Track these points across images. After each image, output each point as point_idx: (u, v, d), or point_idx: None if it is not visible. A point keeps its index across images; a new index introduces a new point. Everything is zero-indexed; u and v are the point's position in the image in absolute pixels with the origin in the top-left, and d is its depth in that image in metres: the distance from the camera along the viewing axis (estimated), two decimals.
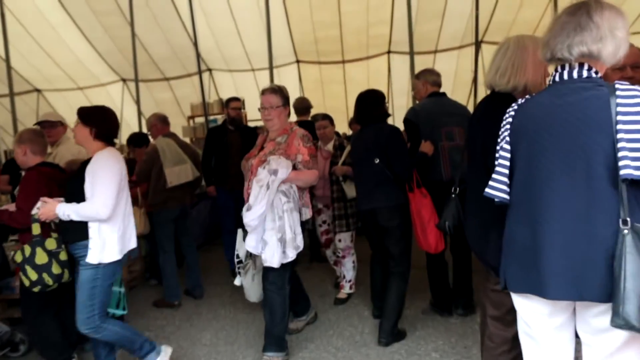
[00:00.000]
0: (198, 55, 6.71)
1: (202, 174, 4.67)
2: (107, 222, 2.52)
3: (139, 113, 8.89)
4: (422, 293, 3.87)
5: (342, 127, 11.16)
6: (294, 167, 2.86)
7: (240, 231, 3.04)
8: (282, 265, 2.78)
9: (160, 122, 4.14)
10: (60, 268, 2.59)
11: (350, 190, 3.75)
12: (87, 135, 2.60)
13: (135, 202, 4.51)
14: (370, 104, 3.24)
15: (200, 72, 6.66)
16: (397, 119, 10.50)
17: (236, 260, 3.06)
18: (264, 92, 3.01)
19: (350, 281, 4.02)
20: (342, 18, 9.75)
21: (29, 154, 2.92)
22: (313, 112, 5.58)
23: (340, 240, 3.98)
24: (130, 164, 6.03)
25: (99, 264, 2.50)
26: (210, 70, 10.95)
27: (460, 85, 10.21)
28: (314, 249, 5.17)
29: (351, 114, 11.06)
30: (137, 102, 7.78)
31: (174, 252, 4.10)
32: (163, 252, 4.03)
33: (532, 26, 10.53)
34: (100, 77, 11.04)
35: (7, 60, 8.27)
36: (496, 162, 1.73)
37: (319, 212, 4.20)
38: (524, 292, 1.63)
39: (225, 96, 8.28)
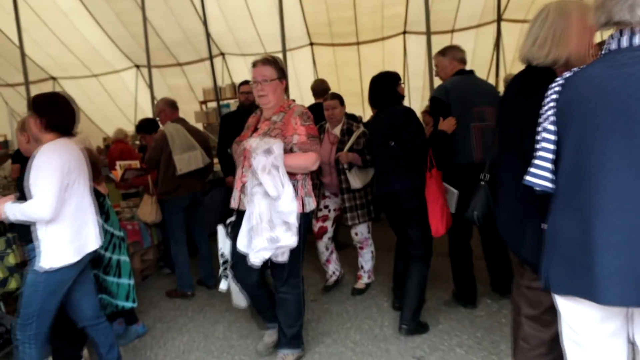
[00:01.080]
0: (209, 39, 6.47)
1: (219, 163, 4.47)
2: (54, 222, 2.21)
3: (152, 99, 8.72)
4: (444, 283, 3.66)
5: (357, 109, 10.88)
6: (290, 150, 2.44)
7: (221, 227, 2.63)
8: (293, 258, 2.49)
9: (169, 107, 3.94)
10: (6, 272, 2.29)
11: (355, 180, 3.43)
12: (39, 126, 2.32)
13: (146, 189, 4.38)
14: (382, 87, 3.10)
15: (211, 56, 6.45)
16: (413, 101, 10.20)
17: (221, 260, 2.64)
18: (255, 64, 2.55)
19: (368, 271, 3.78)
20: None
21: (32, 142, 2.74)
22: None
23: (356, 234, 3.69)
24: (142, 150, 5.91)
25: (50, 268, 2.20)
26: (223, 54, 10.71)
27: (479, 65, 9.76)
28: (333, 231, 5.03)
29: (366, 96, 10.76)
30: (150, 87, 7.62)
31: (186, 242, 3.94)
32: (174, 241, 3.87)
33: None
34: (114, 64, 10.91)
35: (21, 48, 8.14)
36: (537, 146, 1.49)
37: (324, 196, 3.79)
38: (571, 294, 1.40)
39: (238, 80, 8.08)
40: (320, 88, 5.00)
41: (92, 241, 2.43)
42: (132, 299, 3.09)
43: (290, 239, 2.36)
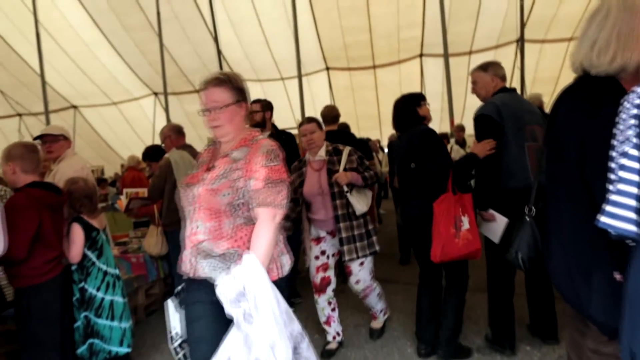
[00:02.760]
0: (221, 64, 6.28)
1: None
2: None
3: None
4: (474, 325, 3.22)
5: (374, 133, 10.56)
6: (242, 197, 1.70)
7: (170, 301, 1.92)
8: None
9: (174, 133, 3.66)
10: None
11: (359, 203, 2.88)
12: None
13: (152, 220, 4.08)
14: (402, 109, 2.95)
15: None
16: (430, 124, 9.84)
17: (173, 343, 1.93)
18: (203, 87, 1.83)
19: (382, 311, 3.26)
20: (372, 22, 9.20)
21: (19, 172, 2.45)
22: (345, 119, 5.00)
23: (358, 282, 2.98)
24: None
25: None
26: None
27: None
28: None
29: (383, 120, 10.38)
30: (166, 113, 7.47)
31: None
32: (179, 276, 3.52)
33: (574, 22, 9.68)
34: (133, 92, 10.89)
35: (42, 77, 8.10)
36: (613, 176, 1.12)
37: (318, 240, 3.02)
38: None
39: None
40: (331, 115, 4.63)
41: None
42: (127, 343, 2.75)
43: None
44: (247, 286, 1.49)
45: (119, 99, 11.05)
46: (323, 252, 3.01)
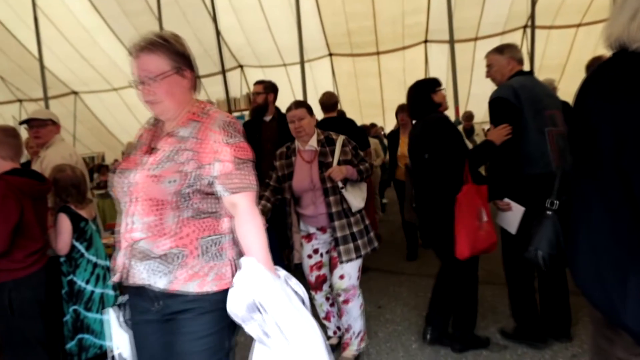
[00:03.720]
0: (220, 50, 6.07)
1: None
2: None
3: None
4: (482, 319, 3.06)
5: (377, 120, 10.35)
6: (209, 186, 1.37)
7: (112, 311, 1.52)
8: None
9: None
10: None
11: (355, 199, 2.55)
12: None
13: None
14: (416, 96, 2.80)
15: (223, 68, 6.03)
16: None
17: (116, 358, 1.51)
18: (133, 54, 1.41)
19: (359, 334, 2.67)
20: (376, 7, 8.93)
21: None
22: (348, 107, 4.81)
23: (342, 277, 2.57)
24: None
25: None
26: (241, 66, 10.36)
27: None
28: None
29: (387, 107, 10.12)
30: None
31: None
32: None
33: (582, 9, 9.39)
34: None
35: (41, 62, 7.90)
36: None
37: (309, 238, 2.71)
38: None
39: None
40: (329, 102, 4.44)
41: None
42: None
43: None
44: (256, 297, 1.25)
45: (120, 84, 10.81)
46: (316, 251, 2.71)
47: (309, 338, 1.27)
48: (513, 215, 2.51)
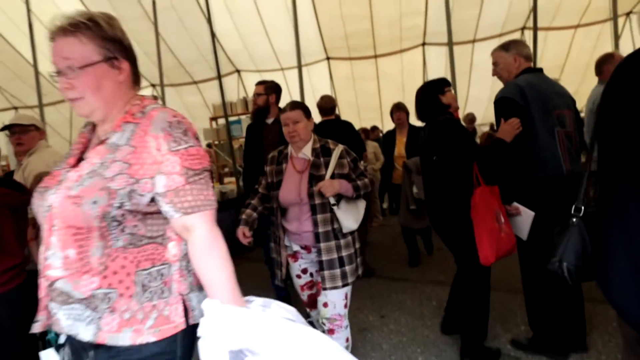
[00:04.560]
0: (216, 54, 5.91)
1: (243, 179, 3.85)
2: None
3: None
4: (490, 329, 2.89)
5: (375, 124, 10.19)
6: (145, 212, 1.09)
7: (47, 355, 1.27)
8: None
9: None
10: None
11: (347, 219, 2.18)
12: None
13: None
14: (423, 98, 2.69)
15: (219, 72, 5.87)
16: None
17: None
18: (52, 36, 1.11)
19: None
20: (373, 10, 8.79)
21: None
22: (346, 110, 4.67)
23: (326, 305, 2.22)
24: None
25: None
26: (238, 71, 10.21)
27: None
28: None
29: (385, 110, 9.97)
30: (163, 104, 7.10)
31: None
32: None
33: (580, 10, 9.26)
34: None
35: (36, 69, 7.74)
36: None
37: (294, 256, 2.37)
38: None
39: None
40: (328, 106, 4.31)
41: None
42: None
43: None
44: (236, 344, 0.97)
45: None
46: (304, 271, 2.39)
47: (319, 346, 1.03)
48: (523, 221, 2.37)
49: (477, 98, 9.93)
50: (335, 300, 2.19)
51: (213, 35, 5.78)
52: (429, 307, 3.37)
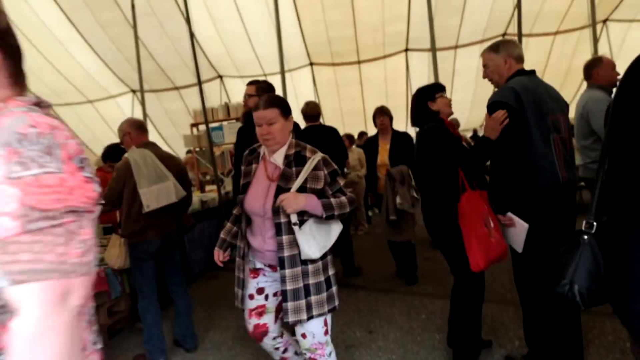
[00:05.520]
0: (195, 58, 5.69)
1: (232, 185, 3.65)
2: None
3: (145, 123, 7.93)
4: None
5: (360, 129, 10.04)
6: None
7: None
8: None
9: (134, 130, 3.05)
10: None
11: (308, 244, 1.82)
12: None
13: (115, 228, 3.49)
14: (414, 105, 2.63)
15: (199, 76, 5.64)
16: None
17: None
18: None
19: None
20: (356, 15, 8.65)
21: None
22: (330, 116, 4.55)
23: (304, 336, 1.92)
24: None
25: None
26: (221, 77, 9.97)
27: (484, 82, 9.01)
28: (347, 259, 4.38)
29: (369, 115, 9.88)
30: (143, 111, 6.81)
31: (157, 295, 3.01)
32: (142, 295, 2.94)
33: (559, 16, 9.28)
34: (110, 89, 10.16)
35: None
36: None
37: (255, 272, 2.06)
38: None
39: (235, 102, 7.30)
40: (314, 112, 4.22)
41: None
42: None
43: None
44: None
45: (95, 97, 10.30)
46: (260, 291, 2.05)
47: None
48: (517, 232, 2.20)
49: (460, 103, 9.85)
50: (313, 330, 1.90)
51: (192, 37, 5.54)
52: (418, 321, 3.18)
